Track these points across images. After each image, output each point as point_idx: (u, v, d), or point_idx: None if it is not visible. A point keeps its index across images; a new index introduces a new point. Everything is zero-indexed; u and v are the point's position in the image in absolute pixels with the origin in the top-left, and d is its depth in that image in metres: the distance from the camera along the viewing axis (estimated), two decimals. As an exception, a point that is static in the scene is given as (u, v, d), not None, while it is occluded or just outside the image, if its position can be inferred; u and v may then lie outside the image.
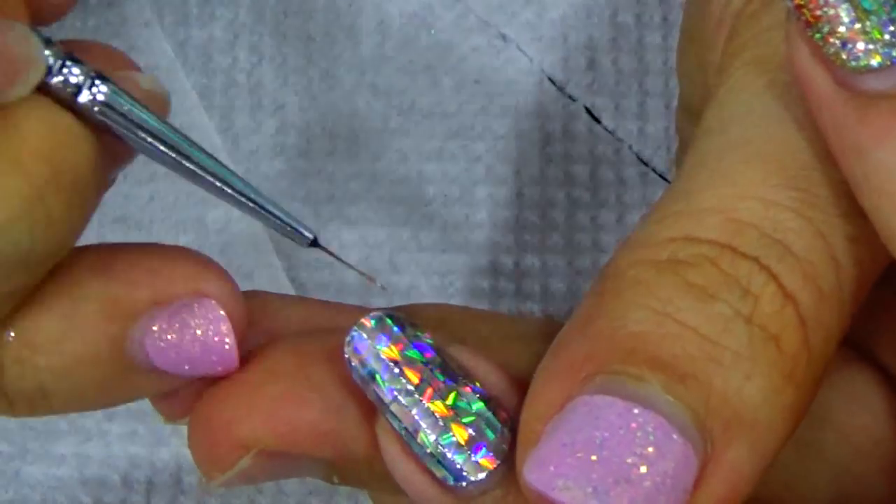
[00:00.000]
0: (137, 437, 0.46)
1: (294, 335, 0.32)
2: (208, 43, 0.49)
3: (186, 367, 0.30)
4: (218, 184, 0.30)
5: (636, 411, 0.25)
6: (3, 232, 0.26)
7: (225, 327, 0.30)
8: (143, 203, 0.48)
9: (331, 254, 0.31)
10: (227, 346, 0.30)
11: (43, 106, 0.28)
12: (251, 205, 0.30)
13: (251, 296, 0.33)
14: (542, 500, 0.26)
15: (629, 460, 0.25)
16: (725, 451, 0.26)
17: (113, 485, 0.45)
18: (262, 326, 0.32)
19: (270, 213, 0.30)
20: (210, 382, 0.31)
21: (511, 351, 0.31)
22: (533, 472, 0.26)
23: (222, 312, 0.30)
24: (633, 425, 0.25)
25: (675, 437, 0.25)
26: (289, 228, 0.30)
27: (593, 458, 0.25)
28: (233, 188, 0.30)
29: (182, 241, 0.47)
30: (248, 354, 0.31)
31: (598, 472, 0.25)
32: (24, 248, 0.27)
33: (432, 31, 0.49)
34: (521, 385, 0.29)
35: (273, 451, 0.30)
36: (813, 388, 0.27)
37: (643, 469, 0.25)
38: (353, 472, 0.31)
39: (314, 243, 0.31)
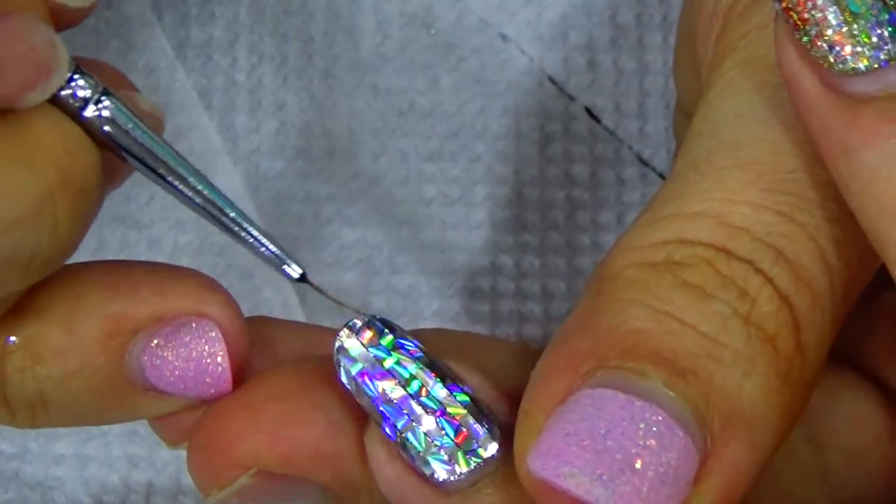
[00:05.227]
0: (137, 437, 0.45)
1: (297, 359, 0.32)
2: (208, 43, 0.49)
3: (181, 387, 0.30)
4: (212, 212, 0.30)
5: (638, 404, 0.26)
6: (13, 230, 0.27)
7: (220, 349, 0.30)
8: (143, 203, 0.48)
9: (320, 291, 0.31)
10: (220, 369, 0.30)
11: (54, 113, 0.28)
12: (243, 234, 0.30)
13: (255, 321, 0.33)
14: (546, 489, 0.26)
15: (633, 450, 0.25)
16: (725, 447, 0.26)
17: (113, 485, 0.45)
18: (265, 351, 0.32)
19: (261, 244, 0.30)
20: (208, 406, 0.31)
21: (509, 377, 0.31)
22: (537, 461, 0.26)
23: (219, 335, 0.30)
24: (637, 417, 0.26)
25: (677, 430, 0.26)
26: (278, 260, 0.30)
27: (598, 447, 0.25)
28: (227, 217, 0.30)
29: (182, 241, 0.47)
30: (250, 378, 0.31)
31: (603, 461, 0.25)
32: (28, 250, 0.27)
33: (432, 31, 0.49)
34: (512, 399, 0.29)
35: (272, 472, 0.30)
36: (806, 392, 0.27)
37: (648, 459, 0.25)
38: (351, 500, 0.31)
39: (302, 278, 0.31)
